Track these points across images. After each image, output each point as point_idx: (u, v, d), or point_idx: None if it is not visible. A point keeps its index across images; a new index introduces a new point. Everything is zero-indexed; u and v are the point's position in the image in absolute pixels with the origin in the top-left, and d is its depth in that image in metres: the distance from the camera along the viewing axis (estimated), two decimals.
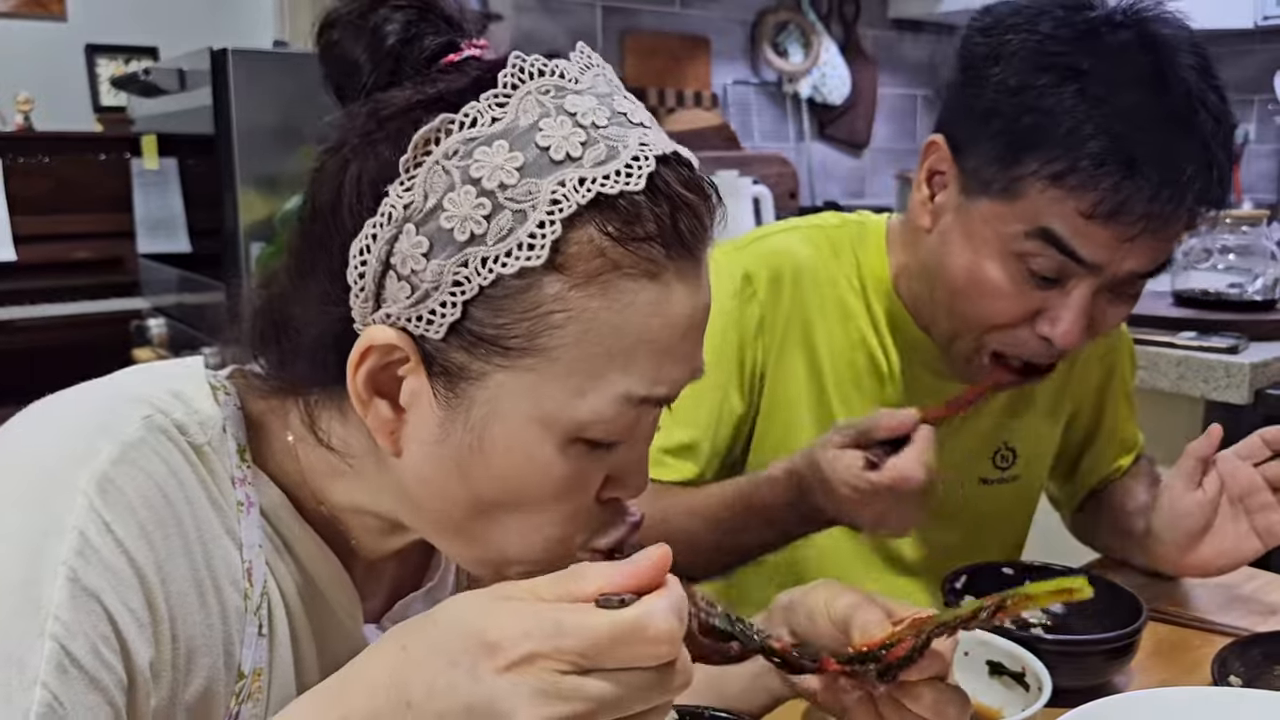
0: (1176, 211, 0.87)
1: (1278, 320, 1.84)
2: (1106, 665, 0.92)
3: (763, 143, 3.17)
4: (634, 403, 0.58)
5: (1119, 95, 0.87)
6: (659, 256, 0.56)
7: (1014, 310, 0.94)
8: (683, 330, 0.59)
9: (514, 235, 0.54)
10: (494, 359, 0.56)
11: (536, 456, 0.58)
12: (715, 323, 1.07)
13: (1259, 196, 3.73)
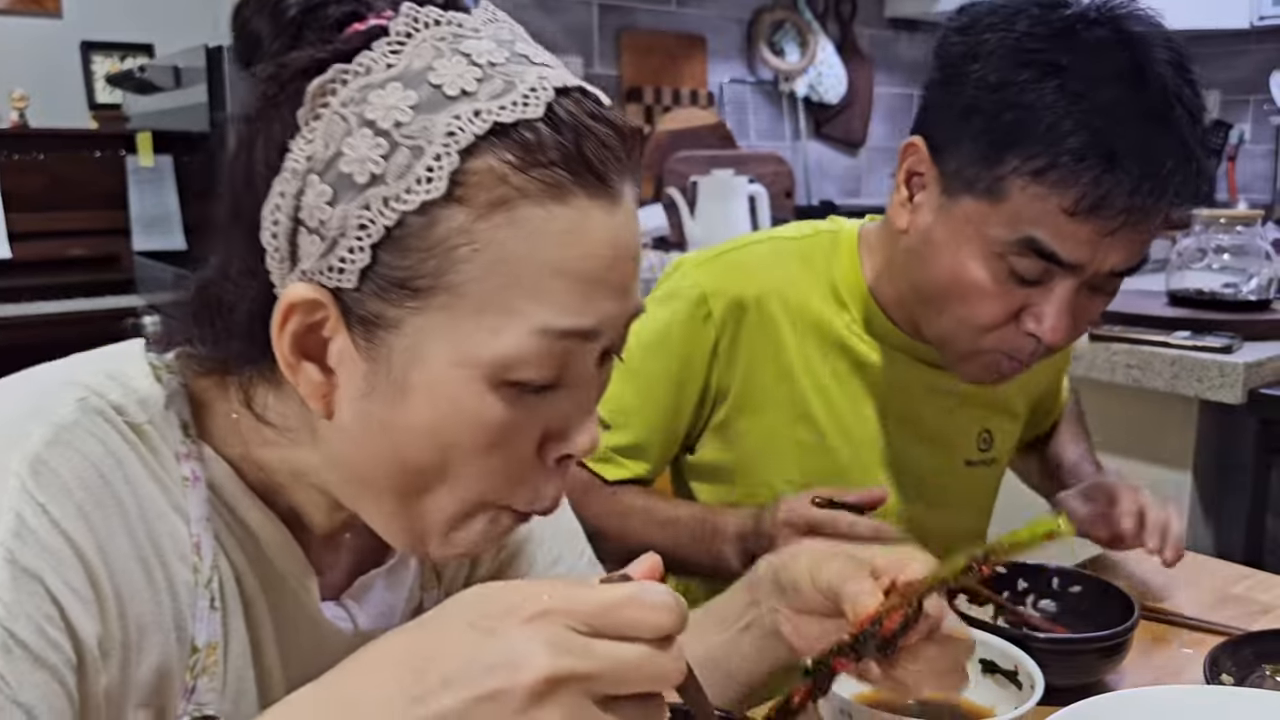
0: (1157, 205, 0.88)
1: (1272, 320, 1.85)
2: (1099, 664, 0.93)
3: (759, 141, 3.17)
4: (555, 336, 0.56)
5: (1098, 91, 0.87)
6: (565, 182, 0.56)
7: (999, 309, 0.95)
8: (607, 260, 0.57)
9: (412, 171, 0.54)
10: (407, 302, 0.56)
11: (463, 403, 0.56)
12: (670, 331, 1.10)
13: (1254, 197, 3.73)
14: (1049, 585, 1.05)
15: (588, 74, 2.81)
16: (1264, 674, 0.90)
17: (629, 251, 0.59)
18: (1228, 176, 3.80)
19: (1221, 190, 3.80)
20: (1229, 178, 3.80)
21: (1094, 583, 1.04)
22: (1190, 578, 1.16)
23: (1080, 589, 1.04)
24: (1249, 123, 3.80)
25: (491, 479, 0.59)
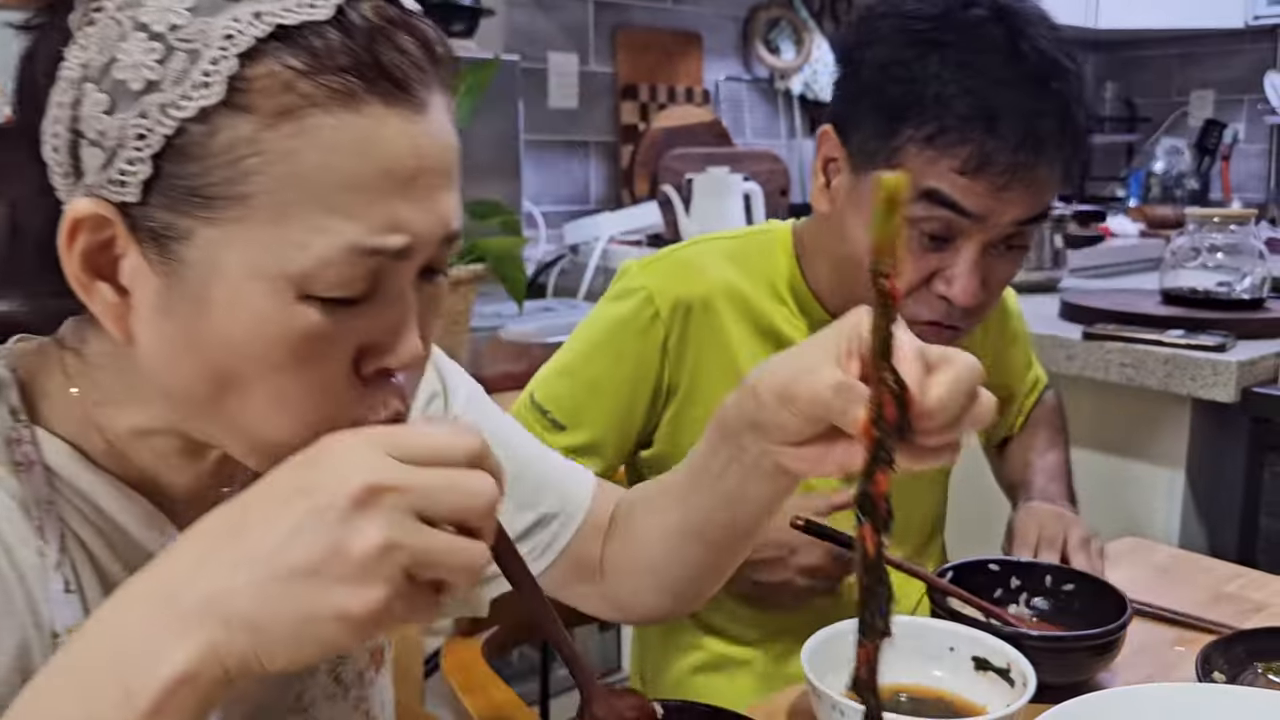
0: (1037, 161, 0.96)
1: (1265, 319, 1.85)
2: (1091, 661, 0.93)
3: (754, 139, 3.17)
4: (360, 253, 0.54)
5: (977, 62, 0.96)
6: (358, 89, 0.53)
7: (911, 275, 1.00)
8: (409, 172, 0.55)
9: (188, 77, 0.51)
10: (197, 213, 0.53)
11: (265, 316, 0.54)
12: (617, 331, 1.11)
13: (1248, 196, 3.74)
14: (1042, 583, 1.05)
15: (583, 71, 2.81)
16: (1256, 672, 0.90)
17: (437, 164, 0.57)
18: (1222, 176, 3.80)
19: (1215, 189, 3.81)
20: (1223, 177, 3.80)
21: (1087, 581, 1.04)
22: (1183, 576, 1.16)
23: (1073, 587, 1.04)
24: (1243, 122, 3.80)
25: (314, 396, 0.57)
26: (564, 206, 2.79)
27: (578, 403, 1.12)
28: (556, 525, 0.86)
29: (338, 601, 0.47)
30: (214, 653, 0.47)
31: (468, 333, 1.75)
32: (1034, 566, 1.06)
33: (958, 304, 1.00)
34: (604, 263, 2.45)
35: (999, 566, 1.06)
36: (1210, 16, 3.57)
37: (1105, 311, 1.92)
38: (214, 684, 0.48)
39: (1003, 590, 1.06)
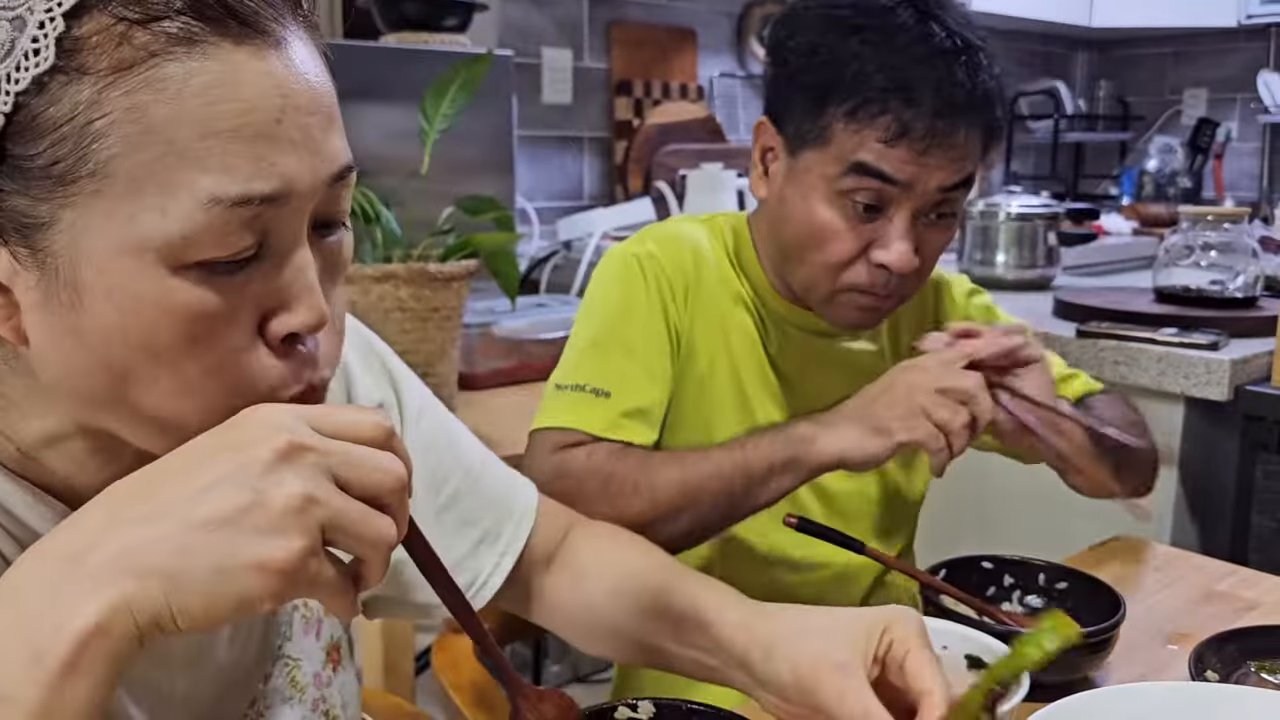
0: (954, 126, 1.02)
1: (1258, 317, 1.86)
2: (1084, 659, 0.93)
3: (748, 136, 3.16)
4: (230, 205, 0.50)
5: (892, 40, 1.03)
6: (199, 31, 0.49)
7: (849, 245, 1.06)
8: (273, 113, 0.51)
9: (18, 47, 0.48)
10: (54, 195, 0.49)
11: (143, 294, 0.51)
12: (624, 291, 1.12)
13: (1240, 194, 3.75)
14: (1036, 581, 1.05)
15: (577, 66, 2.80)
16: (1249, 670, 0.90)
17: (306, 102, 0.53)
18: (1214, 174, 3.81)
19: (1208, 188, 3.81)
20: (1216, 175, 3.81)
21: (1081, 579, 1.04)
22: (1176, 574, 1.16)
23: (1067, 585, 1.04)
24: (1236, 121, 3.81)
25: (214, 374, 0.54)
26: (557, 202, 2.78)
27: (616, 368, 1.10)
28: (498, 552, 0.86)
29: (256, 551, 0.47)
30: (125, 606, 0.46)
31: (460, 329, 1.75)
32: (1027, 564, 1.06)
33: (894, 270, 1.05)
34: (597, 259, 2.44)
35: (992, 564, 1.06)
36: (1204, 15, 3.57)
37: (1098, 310, 1.92)
38: (125, 640, 0.46)
39: (996, 588, 1.06)
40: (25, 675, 0.45)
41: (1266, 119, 3.57)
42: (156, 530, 0.47)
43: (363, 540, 0.50)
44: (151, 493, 0.48)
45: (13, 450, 0.59)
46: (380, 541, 0.50)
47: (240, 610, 0.48)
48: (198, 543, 0.47)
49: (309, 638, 0.76)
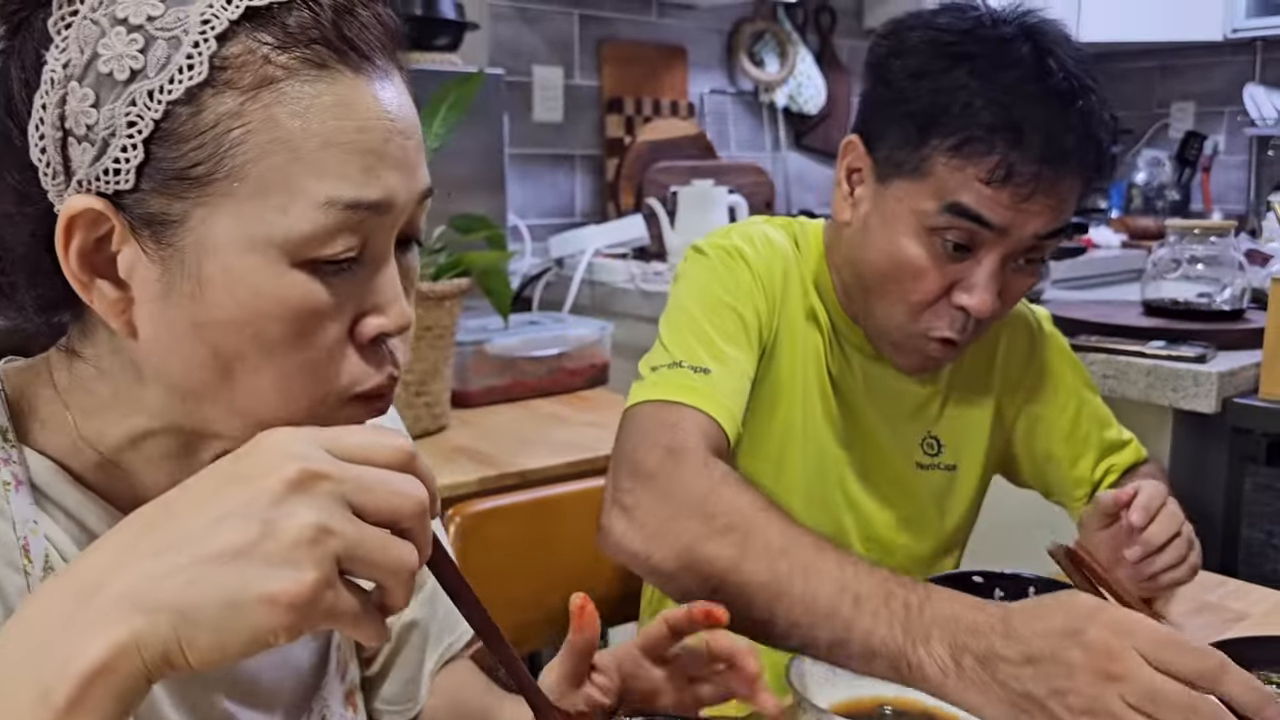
0: (1061, 174, 0.98)
1: (1245, 329, 1.87)
2: None
3: (739, 152, 3.18)
4: (342, 207, 0.57)
5: (1004, 75, 0.98)
6: (328, 59, 0.57)
7: (932, 285, 1.02)
8: (382, 133, 0.58)
9: (173, 62, 0.55)
10: (189, 195, 0.56)
11: (263, 288, 0.57)
12: (717, 269, 1.10)
13: (1228, 207, 3.77)
14: (1026, 594, 1.06)
15: (568, 84, 2.81)
16: None
17: (407, 128, 0.61)
18: (1202, 187, 3.83)
19: (1196, 201, 3.84)
20: (1203, 188, 3.83)
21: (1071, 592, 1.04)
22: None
23: None
24: (1223, 134, 3.84)
25: (316, 368, 0.59)
26: (549, 220, 2.79)
27: (715, 348, 1.03)
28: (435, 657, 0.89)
29: (266, 584, 0.46)
30: (133, 643, 0.46)
31: (453, 347, 1.75)
32: (1018, 578, 1.06)
33: (973, 314, 1.02)
34: (590, 276, 2.45)
35: (983, 579, 1.06)
36: (1190, 29, 3.60)
37: (1087, 323, 1.93)
38: (132, 678, 0.46)
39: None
40: (32, 712, 0.45)
41: (1253, 132, 3.60)
42: (166, 564, 0.47)
43: (382, 568, 0.49)
44: (164, 525, 0.49)
45: (93, 457, 0.63)
46: (401, 568, 0.50)
47: (253, 645, 0.47)
48: (207, 577, 0.47)
49: (335, 678, 0.79)
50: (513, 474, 1.54)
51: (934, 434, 1.22)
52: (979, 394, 1.24)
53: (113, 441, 0.63)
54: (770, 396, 1.13)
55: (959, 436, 1.23)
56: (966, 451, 1.25)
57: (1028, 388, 1.26)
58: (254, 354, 0.58)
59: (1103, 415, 1.29)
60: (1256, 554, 1.73)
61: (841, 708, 0.83)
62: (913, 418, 1.21)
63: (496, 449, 1.65)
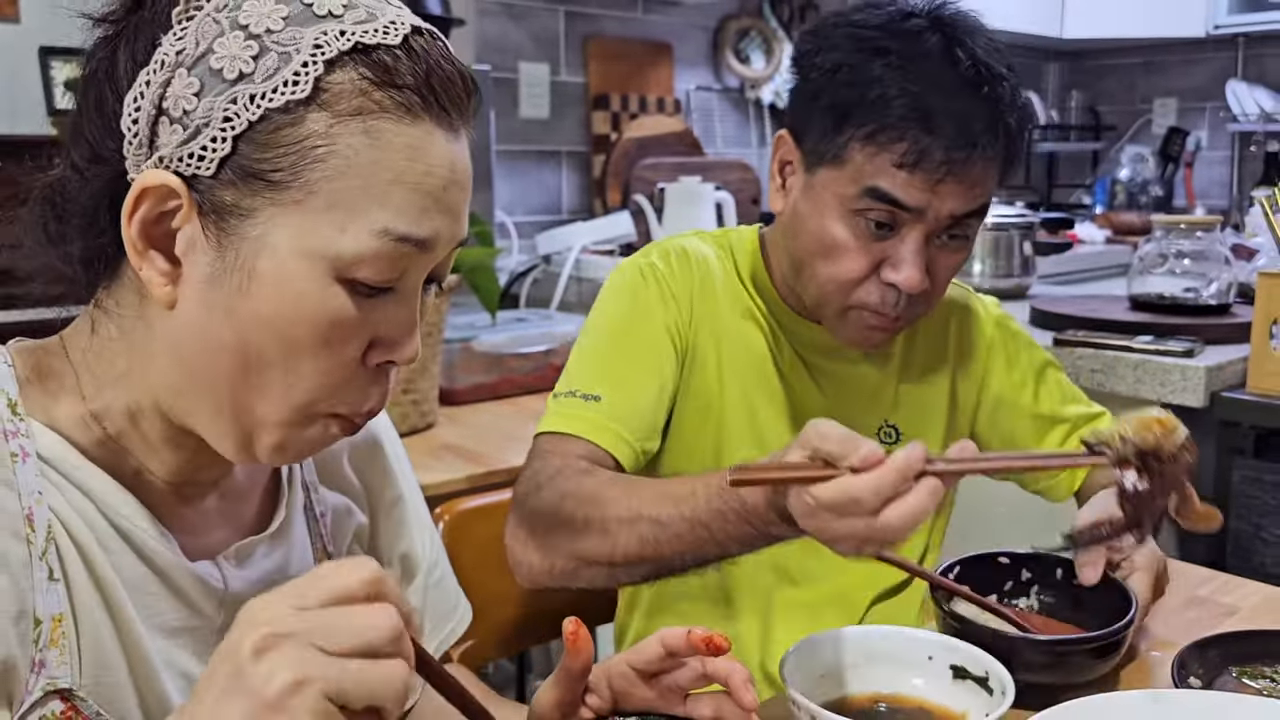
0: (970, 158, 1.02)
1: (1232, 324, 1.88)
2: (1096, 662, 0.92)
3: (725, 149, 3.18)
4: (394, 239, 0.62)
5: (915, 65, 1.03)
6: (416, 105, 0.62)
7: (859, 262, 1.06)
8: (443, 181, 0.64)
9: (280, 74, 0.60)
10: (263, 193, 0.61)
11: (306, 292, 0.61)
12: (629, 297, 1.13)
13: (1211, 202, 3.79)
14: (1053, 575, 1.04)
15: (554, 81, 2.81)
16: (1230, 675, 0.91)
17: (463, 180, 0.66)
18: (1185, 183, 3.85)
19: (1179, 196, 3.86)
20: (1186, 184, 3.85)
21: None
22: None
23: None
24: (1205, 130, 3.86)
25: (322, 379, 0.64)
26: (536, 217, 2.78)
27: (611, 371, 1.10)
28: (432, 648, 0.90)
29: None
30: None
31: (441, 344, 1.74)
32: (1045, 559, 1.04)
33: (903, 289, 1.05)
34: (577, 272, 2.45)
35: (1009, 559, 1.05)
36: (1172, 26, 3.62)
37: (1075, 318, 1.94)
38: None
39: (1013, 583, 1.05)
40: None
41: (1235, 127, 3.62)
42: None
43: (370, 695, 0.51)
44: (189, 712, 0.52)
45: (98, 434, 0.67)
46: (386, 691, 0.51)
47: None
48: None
49: None
50: (501, 471, 1.54)
51: (891, 421, 1.23)
52: (933, 379, 1.25)
53: (115, 416, 0.67)
54: (700, 402, 1.15)
55: (916, 422, 1.24)
56: (925, 437, 1.22)
57: (983, 371, 1.27)
58: (275, 352, 0.62)
59: (1067, 391, 1.30)
60: (1245, 547, 1.74)
61: (834, 705, 0.83)
62: (867, 408, 1.22)
63: (484, 446, 1.65)
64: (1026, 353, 1.29)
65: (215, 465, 0.71)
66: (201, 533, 0.72)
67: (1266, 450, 1.71)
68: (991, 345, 1.27)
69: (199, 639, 0.71)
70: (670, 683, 0.75)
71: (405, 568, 0.89)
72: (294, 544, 0.78)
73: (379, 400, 0.68)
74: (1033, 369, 1.28)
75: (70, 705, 0.63)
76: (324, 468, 0.84)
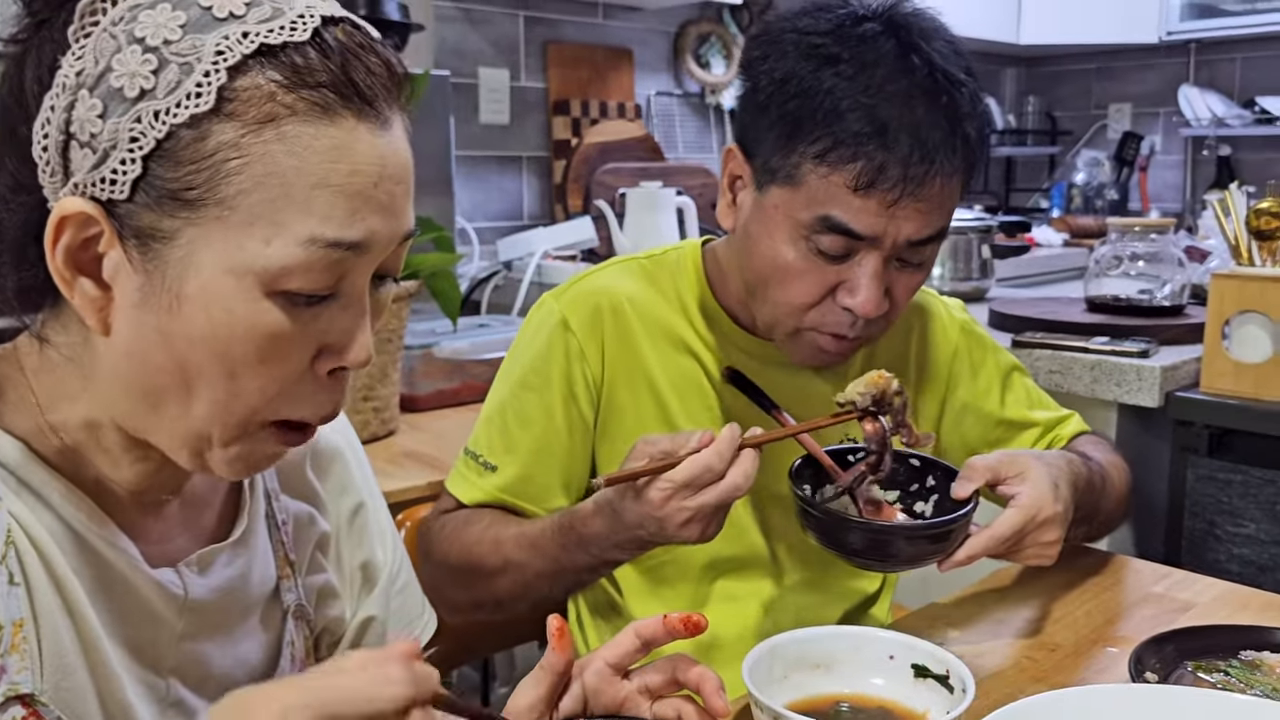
0: (929, 174, 0.96)
1: (1186, 325, 1.90)
2: (928, 549, 0.94)
3: (686, 154, 3.18)
4: (323, 246, 0.59)
5: (869, 75, 0.96)
6: (333, 103, 0.59)
7: (814, 287, 1.01)
8: (372, 178, 0.61)
9: (182, 87, 0.57)
10: (180, 214, 0.58)
11: (236, 311, 0.59)
12: (535, 359, 1.11)
13: (1165, 205, 3.85)
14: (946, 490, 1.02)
15: (514, 86, 2.80)
16: (1186, 670, 0.92)
17: (397, 173, 0.63)
18: (1139, 186, 3.91)
19: (1134, 200, 3.91)
20: (1141, 188, 3.91)
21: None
22: (1113, 578, 1.19)
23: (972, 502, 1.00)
24: (1159, 134, 3.92)
25: (268, 390, 0.62)
26: (497, 222, 2.77)
27: (510, 439, 1.11)
28: None
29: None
30: None
31: (401, 350, 1.73)
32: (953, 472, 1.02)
33: (859, 314, 1.01)
34: (538, 278, 2.44)
35: (919, 462, 1.04)
36: (1126, 32, 3.67)
37: (1033, 320, 1.96)
38: None
39: (918, 486, 1.04)
40: None
41: (1188, 132, 3.68)
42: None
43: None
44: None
45: (55, 443, 0.66)
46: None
47: None
48: None
49: (293, 674, 0.79)
50: None
51: (851, 436, 1.18)
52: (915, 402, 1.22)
53: (73, 425, 0.66)
54: (624, 442, 1.09)
55: None
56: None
57: (947, 378, 1.25)
58: (214, 371, 0.61)
59: (1033, 395, 1.29)
60: (1199, 544, 1.76)
61: (797, 706, 0.83)
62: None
63: (446, 453, 1.63)
64: (992, 357, 1.27)
65: (176, 475, 0.71)
66: (163, 540, 0.72)
67: (1220, 449, 1.74)
68: (957, 352, 1.25)
69: (159, 646, 0.70)
70: (640, 685, 0.75)
71: (366, 575, 0.89)
72: (256, 552, 0.78)
73: (333, 407, 0.66)
74: (999, 374, 1.27)
75: (32, 711, 0.62)
76: (285, 476, 0.83)
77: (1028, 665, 0.98)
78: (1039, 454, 1.06)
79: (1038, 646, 1.02)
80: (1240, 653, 0.94)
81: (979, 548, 0.96)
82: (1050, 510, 0.98)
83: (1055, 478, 1.01)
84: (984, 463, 1.01)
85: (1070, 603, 1.11)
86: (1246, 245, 1.73)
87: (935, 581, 1.45)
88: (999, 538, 0.97)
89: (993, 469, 1.00)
